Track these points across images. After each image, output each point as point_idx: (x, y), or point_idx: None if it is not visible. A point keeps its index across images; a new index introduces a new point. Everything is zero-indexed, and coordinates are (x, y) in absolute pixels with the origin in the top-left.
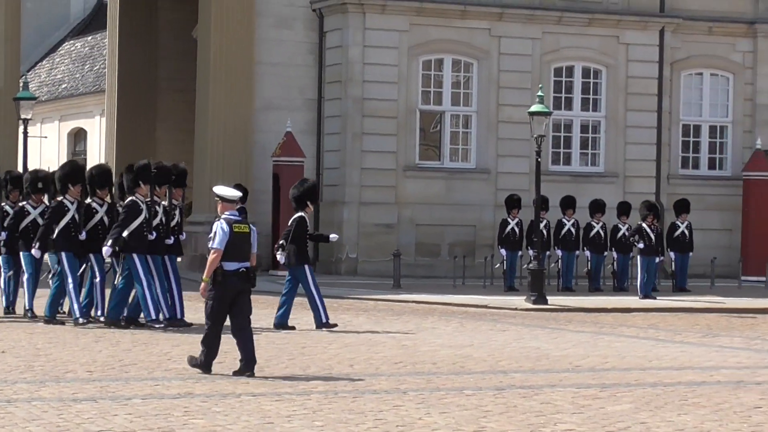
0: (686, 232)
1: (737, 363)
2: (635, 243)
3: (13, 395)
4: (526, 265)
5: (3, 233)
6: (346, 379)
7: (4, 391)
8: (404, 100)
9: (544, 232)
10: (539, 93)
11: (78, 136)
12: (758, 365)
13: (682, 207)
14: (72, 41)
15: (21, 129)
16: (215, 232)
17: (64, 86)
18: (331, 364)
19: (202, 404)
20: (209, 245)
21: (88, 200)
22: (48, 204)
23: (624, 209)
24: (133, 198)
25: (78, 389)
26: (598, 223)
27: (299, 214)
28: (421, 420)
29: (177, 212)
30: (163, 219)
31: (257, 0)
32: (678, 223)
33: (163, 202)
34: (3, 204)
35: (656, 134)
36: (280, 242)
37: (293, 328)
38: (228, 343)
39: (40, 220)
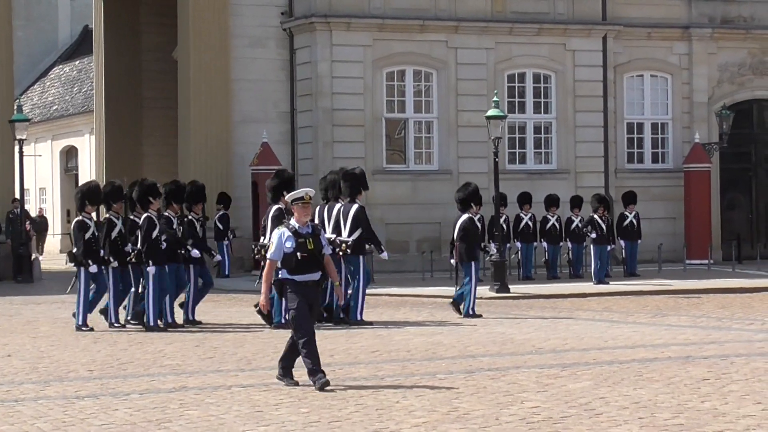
0: (634, 221)
1: (685, 340)
2: (588, 233)
3: (21, 395)
4: (488, 257)
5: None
6: (328, 368)
7: (12, 392)
8: (370, 109)
9: (504, 226)
10: (494, 98)
11: (69, 154)
12: (704, 341)
13: (629, 199)
14: (61, 66)
15: (17, 149)
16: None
17: (55, 108)
18: None
19: (195, 396)
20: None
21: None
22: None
23: (576, 202)
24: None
25: (80, 387)
26: (553, 216)
27: (467, 215)
28: (398, 403)
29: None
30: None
31: (232, 22)
32: (626, 213)
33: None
34: (131, 216)
35: (603, 133)
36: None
37: (480, 315)
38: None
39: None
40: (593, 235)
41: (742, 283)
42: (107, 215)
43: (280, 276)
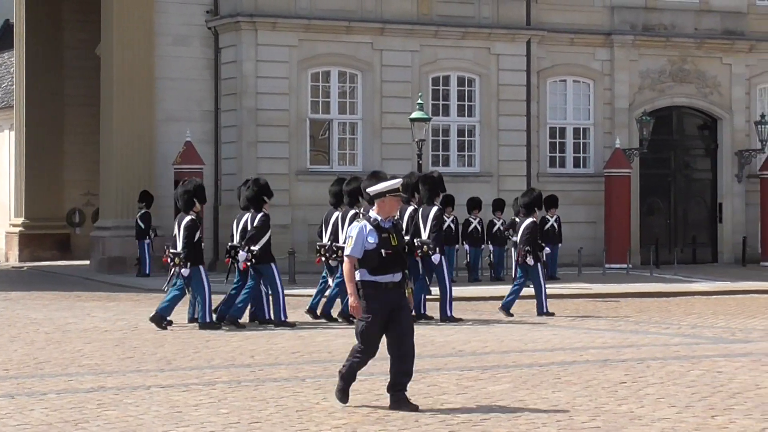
0: (555, 225)
1: (603, 343)
2: (510, 236)
3: None
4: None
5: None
6: (248, 369)
7: None
8: (295, 109)
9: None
10: (419, 101)
11: None
12: (622, 345)
13: (551, 202)
14: None
15: None
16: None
17: None
18: (234, 356)
19: (114, 397)
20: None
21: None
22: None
23: (498, 205)
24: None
25: None
26: (475, 219)
27: (531, 219)
28: (319, 405)
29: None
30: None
31: (156, 20)
32: (548, 217)
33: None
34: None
35: (526, 137)
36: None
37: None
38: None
39: None
40: (514, 238)
41: (660, 288)
42: (191, 216)
43: (358, 277)
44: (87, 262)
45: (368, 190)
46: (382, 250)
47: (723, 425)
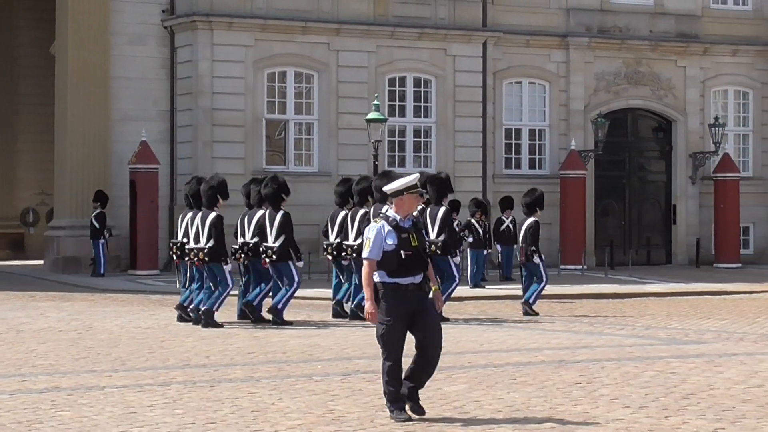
0: (511, 226)
1: (558, 344)
2: (465, 237)
3: None
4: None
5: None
6: (204, 370)
7: None
8: (251, 109)
9: None
10: (375, 102)
11: None
12: (576, 345)
13: (506, 203)
14: None
15: None
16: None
17: None
18: (189, 356)
19: (68, 397)
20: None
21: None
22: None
23: (454, 206)
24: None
25: None
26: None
27: (534, 218)
28: (274, 405)
29: None
30: None
31: (112, 19)
32: (503, 218)
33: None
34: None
35: (482, 138)
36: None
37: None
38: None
39: None
40: (470, 239)
41: (614, 289)
42: (216, 212)
43: (377, 279)
44: (41, 261)
45: (385, 188)
46: (402, 251)
47: (676, 426)
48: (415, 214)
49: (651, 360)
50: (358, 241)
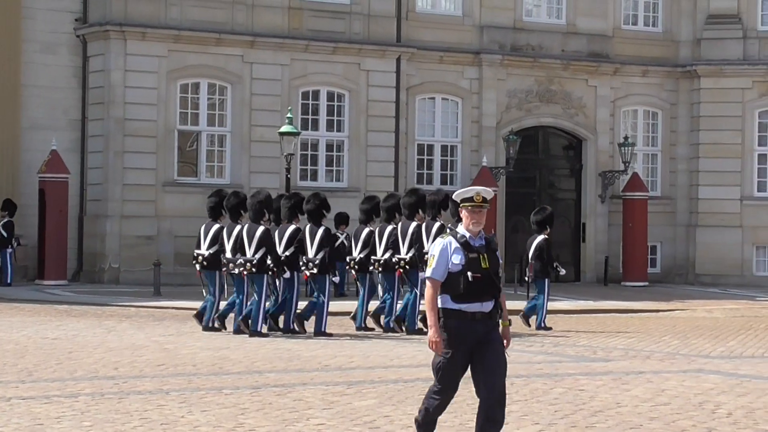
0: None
1: None
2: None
3: None
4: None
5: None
6: (112, 381)
7: None
8: (163, 120)
9: None
10: (288, 115)
11: None
12: None
13: (340, 220)
14: None
15: None
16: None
17: None
18: (97, 368)
19: None
20: None
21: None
22: None
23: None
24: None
25: None
26: (342, 234)
27: (543, 236)
28: (184, 418)
29: None
30: None
31: (23, 26)
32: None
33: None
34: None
35: (394, 153)
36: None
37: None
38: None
39: None
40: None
41: (523, 306)
42: (264, 226)
43: (440, 304)
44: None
45: (454, 196)
46: (469, 273)
47: None
48: (493, 233)
49: (559, 377)
50: (410, 253)
